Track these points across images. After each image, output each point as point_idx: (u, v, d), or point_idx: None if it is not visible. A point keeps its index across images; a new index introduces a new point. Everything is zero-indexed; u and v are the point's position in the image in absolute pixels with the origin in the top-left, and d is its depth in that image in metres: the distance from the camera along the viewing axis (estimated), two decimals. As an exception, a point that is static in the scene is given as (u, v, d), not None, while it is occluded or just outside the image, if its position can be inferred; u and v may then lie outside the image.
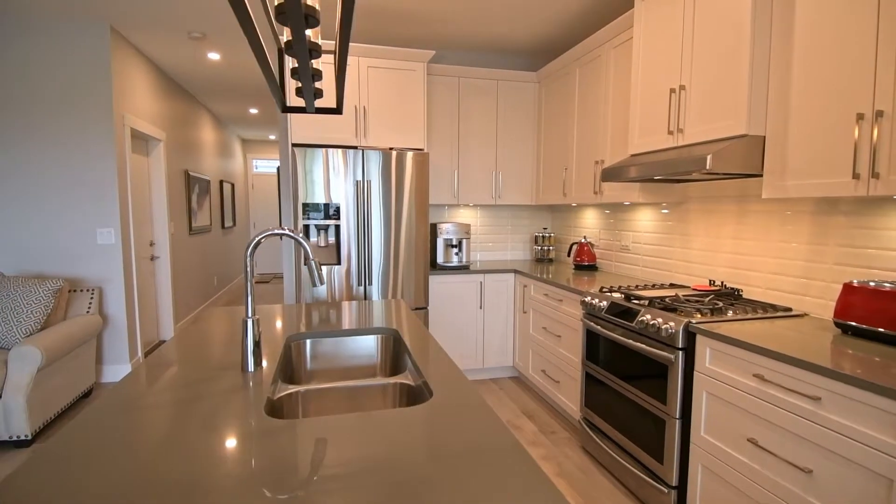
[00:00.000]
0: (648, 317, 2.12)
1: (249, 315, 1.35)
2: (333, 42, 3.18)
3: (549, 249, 4.14)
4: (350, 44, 3.17)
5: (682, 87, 2.25)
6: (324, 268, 3.15)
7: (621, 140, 2.88)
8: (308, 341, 1.77)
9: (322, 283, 1.41)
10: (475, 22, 3.37)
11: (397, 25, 3.44)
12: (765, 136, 1.93)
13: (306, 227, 3.10)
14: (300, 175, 3.06)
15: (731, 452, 1.74)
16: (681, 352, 1.95)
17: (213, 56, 4.07)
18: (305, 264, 1.14)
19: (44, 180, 3.39)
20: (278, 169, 5.00)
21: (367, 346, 1.83)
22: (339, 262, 3.16)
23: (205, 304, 6.04)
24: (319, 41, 1.27)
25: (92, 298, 3.36)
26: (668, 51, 2.34)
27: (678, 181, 2.70)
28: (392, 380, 1.44)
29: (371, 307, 2.17)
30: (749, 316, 1.99)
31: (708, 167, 1.91)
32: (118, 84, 3.56)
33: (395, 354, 1.82)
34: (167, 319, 4.69)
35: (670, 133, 2.33)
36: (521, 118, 3.91)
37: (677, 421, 1.97)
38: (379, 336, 1.83)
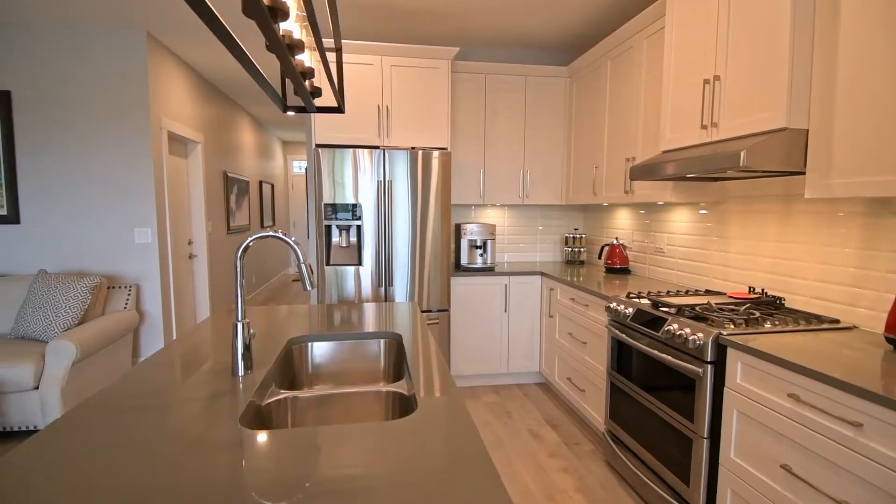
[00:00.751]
0: (675, 326, 1.96)
1: (239, 318, 1.33)
2: (346, 41, 3.17)
3: (579, 251, 3.98)
4: (371, 43, 3.15)
5: (716, 78, 2.07)
6: (345, 268, 3.14)
7: (653, 136, 2.71)
8: (311, 344, 1.74)
9: (312, 287, 1.37)
10: (500, 16, 3.27)
11: (420, 23, 3.39)
12: (807, 130, 1.74)
13: (328, 228, 3.10)
14: (322, 175, 3.07)
15: (762, 478, 1.58)
16: (710, 366, 1.79)
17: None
18: (297, 267, 1.12)
19: (85, 182, 3.56)
20: (306, 170, 5.08)
21: (372, 350, 1.79)
22: (360, 263, 3.14)
23: (243, 301, 6.21)
24: (304, 37, 1.23)
25: (129, 295, 3.50)
26: (702, 38, 2.16)
27: (715, 179, 2.51)
28: (385, 388, 1.38)
29: (381, 309, 2.12)
30: (789, 328, 1.81)
31: (742, 164, 1.74)
32: (155, 88, 3.69)
33: (397, 360, 1.76)
34: (204, 316, 4.84)
35: (704, 127, 2.16)
36: (550, 114, 3.77)
37: (705, 440, 1.82)
38: (383, 341, 1.78)
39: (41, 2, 3.03)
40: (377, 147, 3.25)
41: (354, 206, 3.10)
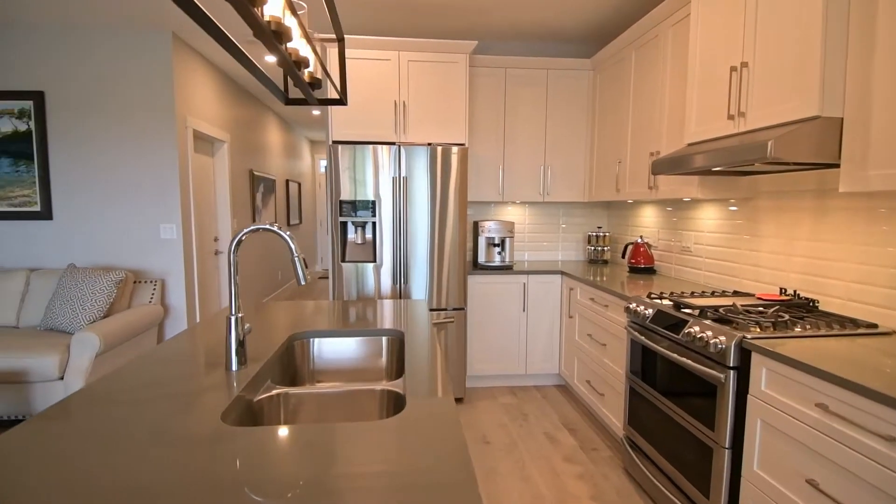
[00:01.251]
0: (697, 329, 1.85)
1: (233, 312, 1.31)
2: (353, 35, 3.14)
3: (603, 250, 3.86)
4: (388, 38, 3.12)
5: (744, 65, 1.95)
6: (359, 265, 3.12)
7: (679, 129, 2.58)
8: (314, 340, 1.72)
9: (304, 282, 1.34)
10: (519, 8, 3.18)
11: (438, 18, 3.34)
12: (842, 118, 1.60)
13: (343, 225, 3.09)
14: (338, 172, 3.06)
15: (786, 493, 1.46)
16: (732, 371, 1.68)
17: (270, 59, 4.21)
18: (291, 261, 1.10)
19: (113, 179, 3.66)
20: (326, 168, 5.13)
21: (376, 347, 1.75)
22: (374, 260, 3.12)
23: (268, 297, 6.32)
24: (290, 25, 1.20)
25: (154, 290, 3.59)
26: (730, 23, 2.04)
27: (745, 174, 2.37)
28: (381, 386, 1.34)
29: (389, 307, 2.09)
30: (821, 332, 1.68)
31: (769, 155, 1.62)
32: (180, 88, 3.77)
33: (400, 358, 1.72)
34: (229, 311, 4.93)
35: (731, 118, 2.03)
36: (571, 108, 3.66)
37: (726, 451, 1.70)
38: (386, 338, 1.74)
39: (72, 5, 3.13)
40: (393, 143, 3.22)
41: (370, 202, 3.08)
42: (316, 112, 6.65)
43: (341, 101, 1.57)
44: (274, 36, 1.08)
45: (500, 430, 2.86)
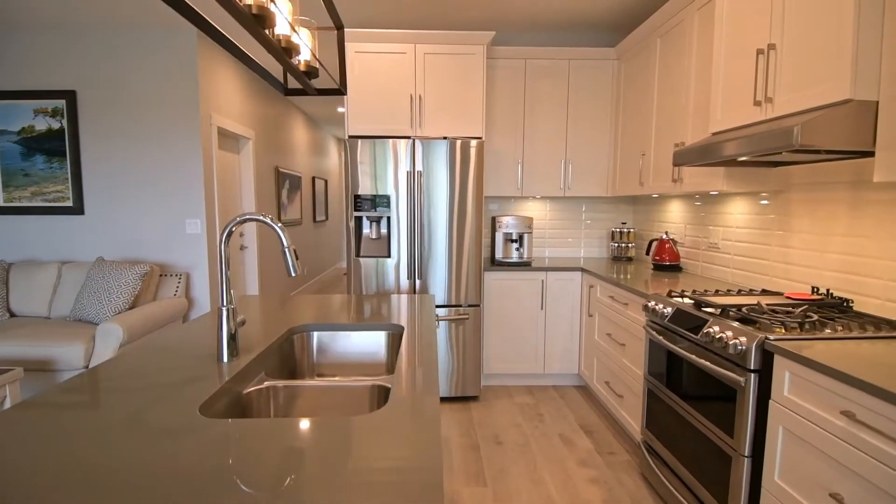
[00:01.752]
0: (716, 328, 1.74)
1: (224, 304, 1.30)
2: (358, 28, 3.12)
3: (627, 247, 3.72)
4: (404, 31, 3.09)
5: (771, 47, 1.82)
6: (373, 260, 3.11)
7: (705, 119, 2.45)
8: (314, 334, 1.70)
9: (295, 273, 1.31)
10: (540, -3, 3.09)
11: (455, 9, 3.28)
12: (877, 102, 1.47)
13: (358, 219, 3.08)
14: (352, 166, 3.05)
15: (809, 509, 1.35)
16: (753, 374, 1.57)
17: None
18: (282, 252, 1.09)
19: (141, 175, 3.77)
20: (343, 163, 5.12)
21: (376, 342, 1.72)
22: (389, 255, 3.10)
23: (294, 291, 6.41)
24: (276, 9, 1.17)
25: (179, 283, 3.68)
26: (756, 2, 1.91)
27: (775, 164, 2.22)
28: (372, 381, 1.31)
29: (395, 302, 2.05)
30: (853, 334, 1.55)
31: (796, 142, 1.50)
32: (205, 86, 3.84)
33: (398, 353, 1.68)
34: (253, 305, 5.02)
35: (757, 104, 1.90)
36: (594, 100, 3.54)
37: (746, 459, 1.59)
38: (387, 333, 1.71)
39: (101, 6, 3.23)
40: (409, 137, 3.18)
41: (385, 197, 3.05)
42: (341, 109, 6.70)
43: (340, 90, 1.54)
44: (256, 20, 1.06)
45: (513, 430, 2.79)
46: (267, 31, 1.13)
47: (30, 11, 3.28)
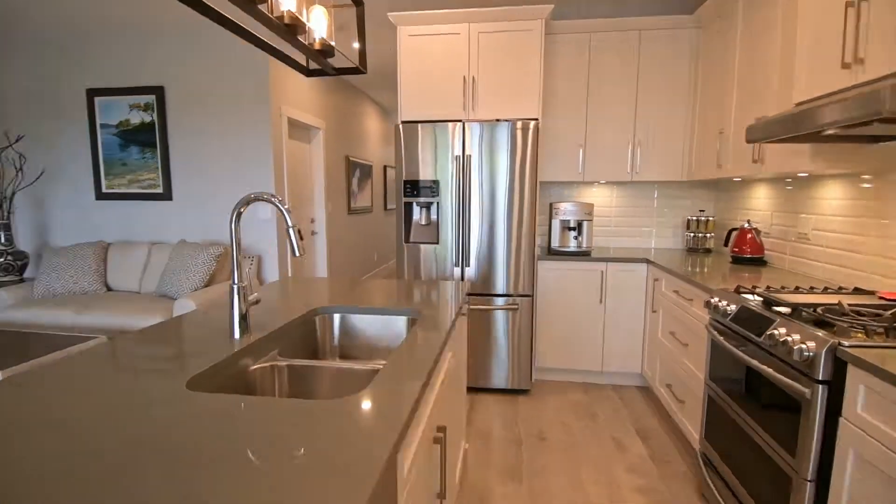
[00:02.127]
0: (782, 330, 1.50)
1: (235, 282, 1.33)
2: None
3: (705, 237, 3.37)
4: (456, 10, 2.99)
5: (867, -5, 1.51)
6: (424, 247, 3.08)
7: (790, 89, 2.12)
8: (335, 315, 1.71)
9: (299, 254, 1.31)
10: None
11: (516, -16, 3.12)
12: None
13: (408, 205, 3.07)
14: (404, 152, 3.04)
15: (881, 553, 1.11)
16: (821, 386, 1.33)
17: (355, 45, 4.32)
18: (286, 232, 1.10)
19: (218, 164, 4.06)
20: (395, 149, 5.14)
21: (397, 326, 1.69)
22: (437, 242, 3.06)
23: (364, 276, 6.62)
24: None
25: (251, 265, 3.92)
26: (851, -56, 1.59)
27: (875, 139, 1.87)
28: (370, 365, 1.28)
29: (427, 288, 2.01)
30: (961, 345, 1.25)
31: (886, 108, 1.23)
32: (275, 79, 4.03)
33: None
34: (323, 289, 5.24)
35: (846, 66, 1.59)
36: (668, 75, 3.21)
37: (808, 484, 1.36)
38: (405, 318, 1.67)
39: (180, 8, 3.49)
40: (461, 121, 3.10)
41: (434, 182, 3.01)
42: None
43: (359, 69, 1.51)
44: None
45: (559, 428, 2.65)
46: (262, 7, 1.12)
47: (124, 15, 3.63)
